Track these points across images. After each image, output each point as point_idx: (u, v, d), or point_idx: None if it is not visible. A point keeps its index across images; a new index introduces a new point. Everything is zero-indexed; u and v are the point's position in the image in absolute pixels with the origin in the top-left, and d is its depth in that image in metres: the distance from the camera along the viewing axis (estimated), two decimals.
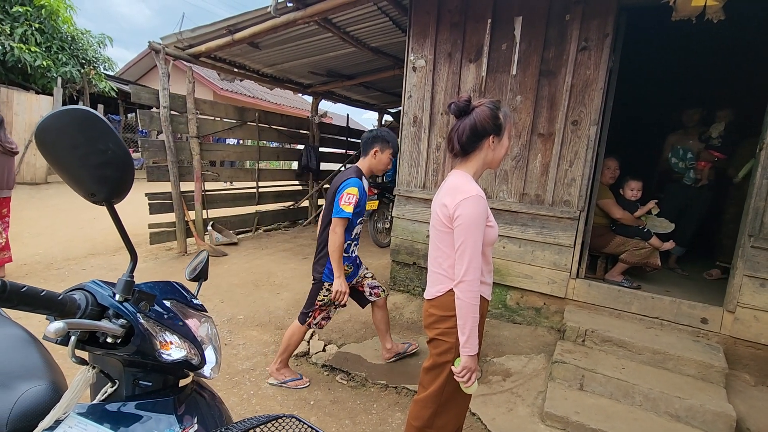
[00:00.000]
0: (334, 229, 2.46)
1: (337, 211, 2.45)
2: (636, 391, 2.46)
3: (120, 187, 0.79)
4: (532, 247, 3.32)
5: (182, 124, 5.19)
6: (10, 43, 8.91)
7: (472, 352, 1.46)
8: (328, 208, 2.54)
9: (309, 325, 2.67)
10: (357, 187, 2.47)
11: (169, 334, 0.87)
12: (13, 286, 0.64)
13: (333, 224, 2.46)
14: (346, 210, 2.42)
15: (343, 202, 2.43)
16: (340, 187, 2.48)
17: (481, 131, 1.48)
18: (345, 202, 2.43)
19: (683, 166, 3.94)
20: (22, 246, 5.05)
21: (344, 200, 2.43)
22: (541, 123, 3.21)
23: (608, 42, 2.92)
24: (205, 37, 4.72)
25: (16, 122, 8.74)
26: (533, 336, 3.29)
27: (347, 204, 2.43)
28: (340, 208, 2.43)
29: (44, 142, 0.72)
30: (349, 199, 2.43)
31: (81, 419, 0.78)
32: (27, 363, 1.18)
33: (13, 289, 0.64)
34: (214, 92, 14.00)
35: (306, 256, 5.33)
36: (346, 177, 2.52)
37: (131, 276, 0.82)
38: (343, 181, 2.50)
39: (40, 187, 8.90)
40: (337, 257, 2.46)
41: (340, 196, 2.45)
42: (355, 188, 2.46)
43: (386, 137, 2.58)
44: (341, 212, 2.43)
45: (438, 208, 1.55)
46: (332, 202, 2.49)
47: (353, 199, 2.43)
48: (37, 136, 0.72)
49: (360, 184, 2.50)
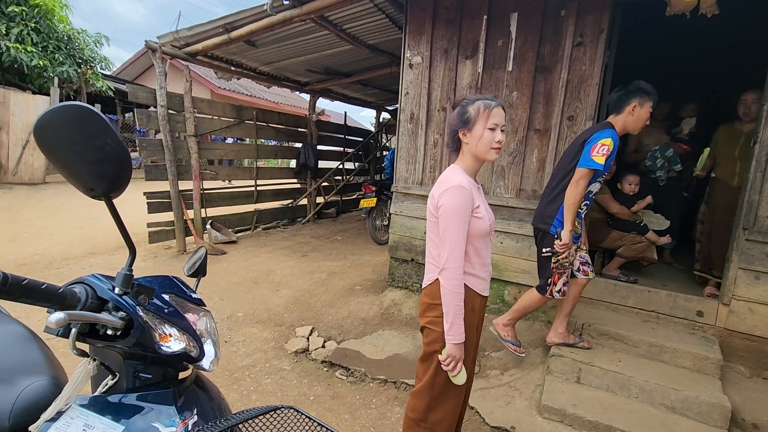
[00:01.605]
0: (577, 180, 2.27)
1: (586, 161, 2.24)
2: (632, 383, 2.49)
3: (118, 182, 0.80)
4: (530, 242, 3.33)
5: (180, 123, 5.19)
6: (6, 43, 8.88)
7: (456, 340, 1.48)
8: (567, 160, 2.39)
9: (551, 294, 2.53)
10: (612, 138, 2.26)
11: (168, 326, 0.89)
12: (14, 279, 0.65)
13: (578, 175, 2.28)
14: (597, 161, 2.21)
15: (595, 153, 2.21)
16: (593, 137, 2.28)
17: (453, 126, 1.60)
18: (597, 152, 2.21)
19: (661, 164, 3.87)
20: (20, 246, 5.06)
21: (597, 150, 2.21)
22: (538, 119, 3.22)
23: (603, 37, 2.93)
24: (202, 36, 4.72)
25: (14, 123, 8.72)
26: (531, 330, 3.31)
27: (599, 155, 2.21)
28: (591, 158, 2.22)
29: (43, 138, 0.74)
30: (602, 149, 2.21)
31: (83, 410, 0.79)
32: (28, 359, 1.19)
33: (15, 281, 0.65)
34: (212, 91, 13.98)
35: (305, 254, 5.35)
36: (599, 128, 2.32)
37: (130, 270, 0.84)
38: (597, 131, 2.29)
39: (39, 187, 8.89)
40: (573, 210, 2.30)
41: (593, 146, 2.23)
42: (610, 139, 2.24)
43: (646, 89, 2.32)
44: (591, 162, 2.22)
45: (429, 199, 1.61)
46: (577, 153, 2.33)
47: (606, 150, 2.21)
48: (36, 132, 0.73)
49: (616, 137, 2.29)
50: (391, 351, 3.10)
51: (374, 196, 5.91)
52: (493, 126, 1.51)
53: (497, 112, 1.51)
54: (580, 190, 2.29)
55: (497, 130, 1.52)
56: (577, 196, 2.29)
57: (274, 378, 2.78)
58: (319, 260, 5.10)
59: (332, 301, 3.93)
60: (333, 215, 8.20)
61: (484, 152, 1.54)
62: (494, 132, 1.51)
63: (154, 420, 0.83)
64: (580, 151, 2.35)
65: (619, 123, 2.37)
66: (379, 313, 3.68)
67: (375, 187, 6.04)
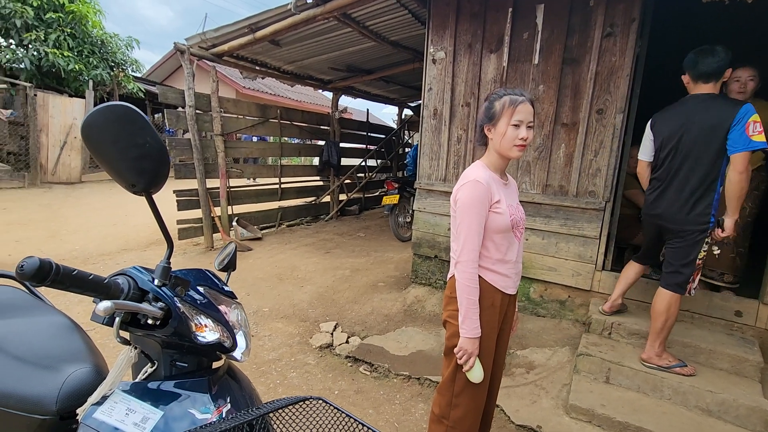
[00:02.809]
0: (745, 166, 2.07)
1: (746, 143, 2.03)
2: (665, 384, 2.41)
3: (157, 178, 0.84)
4: (556, 239, 3.28)
5: (207, 123, 5.32)
6: (45, 49, 9.31)
7: (469, 334, 1.48)
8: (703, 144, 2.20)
9: (689, 292, 2.37)
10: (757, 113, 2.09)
11: (204, 317, 0.92)
12: (65, 270, 0.69)
13: (742, 161, 2.07)
14: (759, 140, 2.02)
15: (753, 132, 2.03)
16: (738, 117, 2.08)
17: (480, 121, 1.59)
18: (755, 131, 2.03)
19: None
20: (60, 242, 5.32)
21: (752, 129, 2.03)
22: (565, 112, 3.15)
23: (635, 27, 2.83)
24: (228, 36, 4.82)
25: (52, 125, 9.14)
26: (557, 329, 3.25)
27: (757, 133, 2.03)
28: (749, 138, 2.03)
29: (89, 137, 0.78)
30: (757, 127, 2.04)
31: (125, 396, 0.83)
32: (71, 347, 1.26)
33: (66, 272, 0.69)
34: (237, 90, 14.27)
35: (328, 251, 5.41)
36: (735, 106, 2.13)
37: (168, 262, 0.87)
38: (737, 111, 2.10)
39: (75, 186, 9.31)
40: (741, 199, 2.14)
41: (746, 125, 2.05)
42: (757, 114, 2.08)
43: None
44: (752, 143, 2.02)
45: (451, 196, 1.63)
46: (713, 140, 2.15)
47: (761, 126, 2.05)
48: (83, 131, 0.77)
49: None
50: (414, 347, 3.10)
51: (397, 193, 5.91)
52: (517, 122, 1.48)
53: (523, 108, 1.48)
54: (746, 176, 2.11)
55: (522, 126, 1.48)
56: (747, 183, 2.13)
57: (300, 372, 2.83)
58: (342, 257, 5.14)
59: (355, 297, 3.96)
60: (355, 212, 8.25)
61: (507, 149, 1.51)
62: (518, 129, 1.48)
63: (190, 407, 0.87)
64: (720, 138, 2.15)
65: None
66: (402, 309, 3.69)
67: (397, 184, 6.04)
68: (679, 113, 2.35)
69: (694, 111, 2.27)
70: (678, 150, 2.32)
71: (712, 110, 2.20)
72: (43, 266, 0.65)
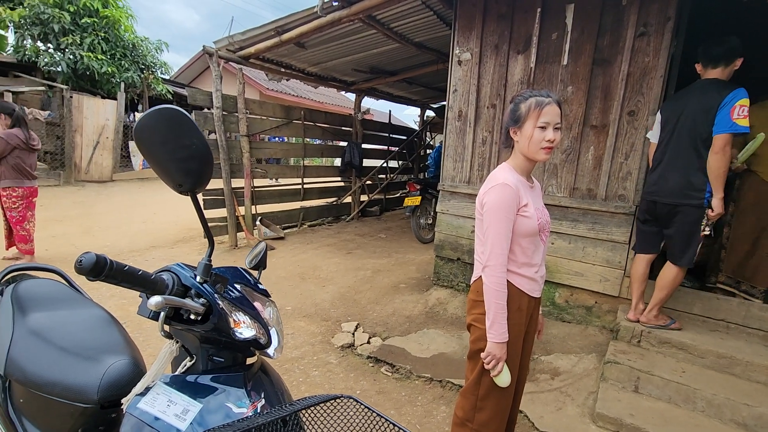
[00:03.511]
0: (723, 148, 2.21)
1: (728, 125, 2.17)
2: (698, 396, 2.32)
3: (202, 178, 0.87)
4: (583, 243, 3.21)
5: (233, 124, 5.44)
6: (80, 52, 9.70)
7: (497, 339, 1.46)
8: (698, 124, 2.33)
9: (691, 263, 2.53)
10: (747, 98, 2.18)
11: (242, 314, 0.94)
12: (118, 266, 0.72)
13: (721, 142, 2.21)
14: (742, 124, 2.15)
15: (736, 115, 2.15)
16: (727, 100, 2.21)
17: (506, 123, 1.58)
18: (739, 114, 2.14)
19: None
20: (93, 238, 5.52)
21: (738, 112, 2.15)
22: (594, 114, 3.08)
23: (670, 26, 2.75)
24: (255, 39, 4.91)
25: (86, 125, 9.51)
26: (583, 335, 3.18)
27: (741, 117, 2.14)
28: (733, 122, 2.15)
29: (141, 138, 0.81)
30: (743, 111, 2.15)
31: (166, 387, 0.86)
32: (110, 340, 1.31)
33: (118, 267, 0.72)
34: (260, 92, 14.52)
35: (350, 251, 5.44)
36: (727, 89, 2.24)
37: (209, 260, 0.90)
38: (727, 93, 2.22)
39: (107, 185, 9.65)
40: (724, 178, 2.28)
41: (732, 108, 2.17)
42: (747, 99, 2.18)
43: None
44: (735, 127, 2.15)
45: (477, 199, 1.61)
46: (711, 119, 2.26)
47: (747, 111, 2.15)
48: (135, 134, 0.81)
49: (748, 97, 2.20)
50: (436, 350, 3.09)
51: (419, 194, 5.89)
52: (544, 124, 1.45)
53: (549, 110, 1.45)
54: (727, 158, 2.24)
55: (549, 128, 1.46)
56: (727, 163, 2.25)
57: (322, 371, 2.85)
58: (363, 257, 5.16)
59: (377, 298, 3.97)
60: (376, 213, 8.28)
61: (534, 152, 1.49)
62: (545, 131, 1.46)
63: (226, 401, 0.89)
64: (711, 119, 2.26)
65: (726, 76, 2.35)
66: (424, 311, 3.68)
67: (420, 185, 6.02)
68: (682, 95, 2.54)
69: (694, 93, 2.42)
70: (675, 130, 2.47)
71: (709, 93, 2.32)
72: (99, 262, 0.68)
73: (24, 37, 9.57)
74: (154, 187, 10.09)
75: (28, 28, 9.41)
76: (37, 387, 1.13)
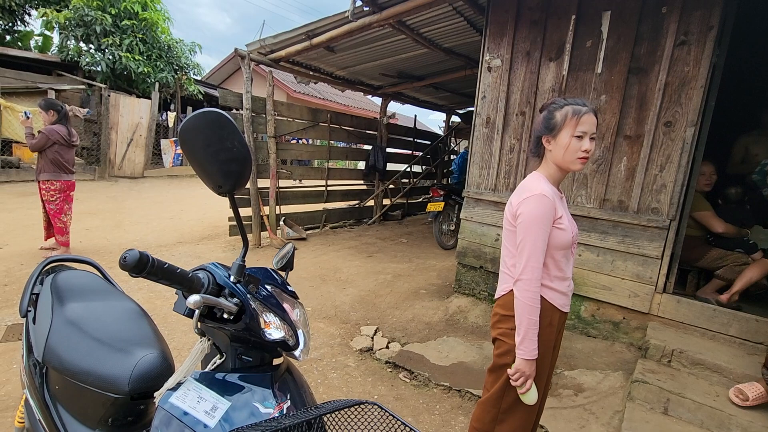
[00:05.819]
0: None
1: None
2: (733, 422, 2.20)
3: (241, 180, 0.88)
4: (612, 256, 3.11)
5: (261, 125, 5.54)
6: (119, 53, 10.10)
7: (527, 356, 1.41)
8: None
9: None
10: None
11: (272, 315, 0.95)
12: (159, 263, 0.74)
13: None
14: None
15: None
16: None
17: (538, 131, 1.53)
18: None
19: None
20: (123, 232, 5.71)
21: None
22: (628, 124, 2.99)
23: (712, 35, 2.64)
24: (286, 43, 5.00)
25: (121, 123, 9.88)
26: (609, 351, 3.08)
27: None
28: None
29: (185, 141, 0.83)
30: None
31: (196, 384, 0.87)
32: (141, 333, 1.34)
33: (159, 265, 0.74)
34: (288, 94, 14.76)
35: (371, 255, 5.45)
36: None
37: (243, 260, 0.91)
38: None
39: (138, 181, 9.99)
40: None
41: None
42: None
43: None
44: None
45: (507, 207, 1.56)
46: None
47: None
48: (180, 136, 0.83)
49: None
50: (455, 358, 3.04)
51: (442, 200, 5.85)
52: (581, 134, 1.41)
53: (587, 119, 1.41)
54: None
55: (585, 138, 1.42)
56: None
57: (340, 373, 2.86)
58: (384, 261, 5.16)
59: (397, 302, 3.95)
60: (398, 217, 8.27)
61: (569, 162, 1.45)
62: (582, 140, 1.42)
63: (253, 400, 0.89)
64: None
65: None
66: (444, 318, 3.64)
67: (443, 191, 5.98)
68: None
69: None
70: None
71: None
72: (142, 259, 0.70)
73: (68, 38, 10.04)
74: (182, 184, 10.38)
75: (72, 30, 9.87)
76: (72, 375, 1.17)
